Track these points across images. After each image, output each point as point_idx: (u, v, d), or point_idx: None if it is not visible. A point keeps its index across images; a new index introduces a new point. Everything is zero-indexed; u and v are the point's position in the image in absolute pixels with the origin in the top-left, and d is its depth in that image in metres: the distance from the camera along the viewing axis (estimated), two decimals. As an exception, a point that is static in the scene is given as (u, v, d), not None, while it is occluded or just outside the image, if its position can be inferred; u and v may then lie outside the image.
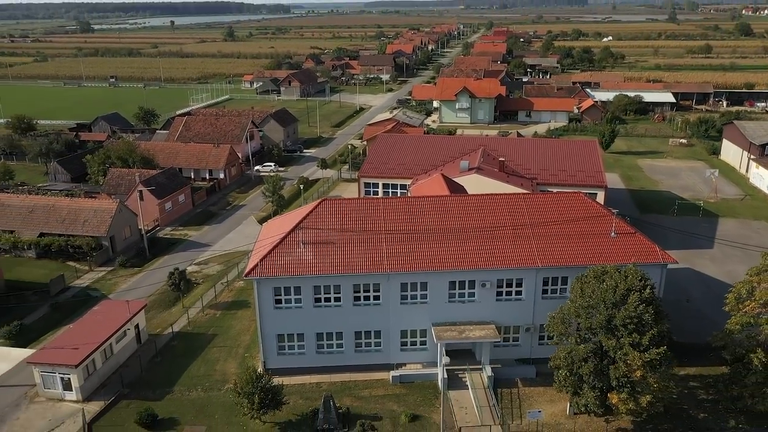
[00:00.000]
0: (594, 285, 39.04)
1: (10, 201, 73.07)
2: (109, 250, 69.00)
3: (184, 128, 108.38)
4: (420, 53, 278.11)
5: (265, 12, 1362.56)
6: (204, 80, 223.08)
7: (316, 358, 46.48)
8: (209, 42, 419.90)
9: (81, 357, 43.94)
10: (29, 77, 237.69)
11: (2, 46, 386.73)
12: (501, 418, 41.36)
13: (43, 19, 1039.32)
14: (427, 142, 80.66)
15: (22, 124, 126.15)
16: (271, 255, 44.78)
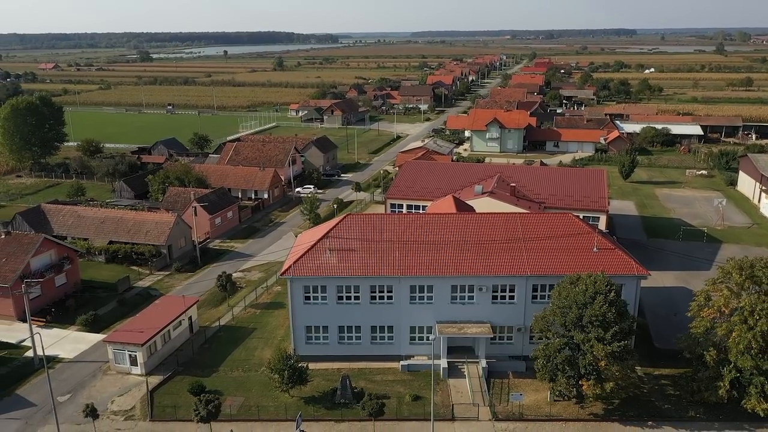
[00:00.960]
0: (569, 289, 46.56)
1: (85, 213, 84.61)
2: (167, 257, 79.38)
3: (234, 153, 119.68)
4: (459, 84, 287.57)
5: (314, 42, 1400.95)
6: (253, 108, 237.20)
7: (337, 347, 54.95)
8: (260, 71, 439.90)
9: (146, 338, 53.54)
10: (95, 104, 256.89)
11: (70, 74, 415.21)
12: (490, 401, 48.80)
13: (106, 48, 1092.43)
14: (449, 169, 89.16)
15: (90, 147, 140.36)
16: (303, 259, 53.78)
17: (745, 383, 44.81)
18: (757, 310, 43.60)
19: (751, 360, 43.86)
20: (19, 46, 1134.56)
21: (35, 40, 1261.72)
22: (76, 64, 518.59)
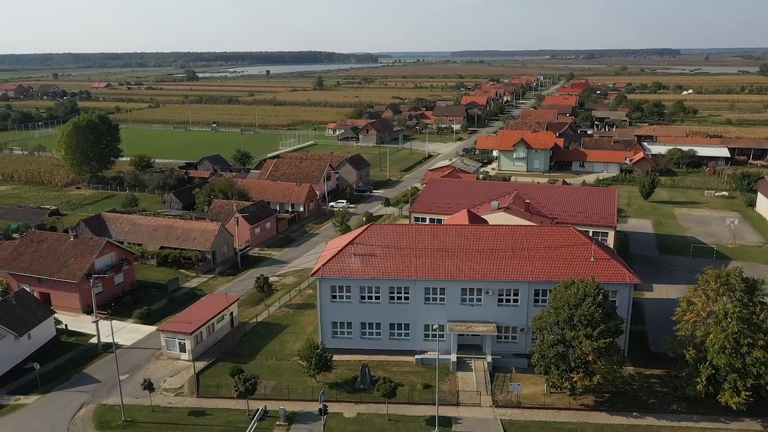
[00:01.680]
0: (563, 292, 52.64)
1: (140, 221, 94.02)
2: (211, 261, 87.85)
3: (273, 169, 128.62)
4: (493, 105, 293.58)
5: (354, 61, 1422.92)
6: (293, 127, 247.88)
7: (359, 341, 61.92)
8: (300, 90, 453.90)
9: (193, 328, 61.52)
10: (145, 121, 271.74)
11: (121, 93, 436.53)
12: (492, 390, 54.96)
13: (154, 67, 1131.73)
14: (470, 186, 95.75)
15: (142, 162, 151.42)
16: (331, 262, 61.18)
17: (720, 380, 49.97)
18: (729, 314, 48.93)
19: (725, 358, 49.08)
20: (73, 65, 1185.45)
21: (88, 60, 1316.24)
22: (126, 83, 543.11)
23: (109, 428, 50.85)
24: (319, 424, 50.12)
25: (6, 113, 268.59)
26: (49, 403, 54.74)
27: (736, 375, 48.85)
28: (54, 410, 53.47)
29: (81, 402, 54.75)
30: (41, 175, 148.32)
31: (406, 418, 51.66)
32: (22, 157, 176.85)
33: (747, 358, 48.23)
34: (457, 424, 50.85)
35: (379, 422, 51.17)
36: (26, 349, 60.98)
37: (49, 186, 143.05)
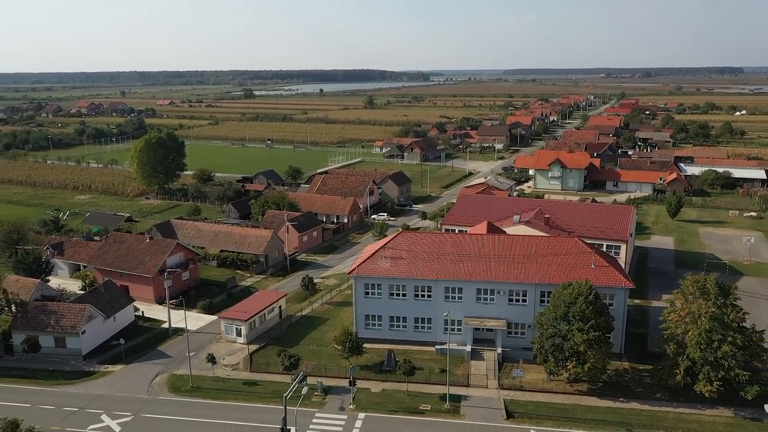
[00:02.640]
0: (561, 292, 61.28)
1: (203, 227, 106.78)
2: (264, 264, 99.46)
3: (321, 183, 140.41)
4: (537, 125, 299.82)
5: (406, 79, 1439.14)
6: (342, 144, 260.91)
7: (388, 332, 71.74)
8: (351, 109, 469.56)
9: (248, 316, 72.71)
10: (205, 137, 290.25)
11: (183, 110, 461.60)
12: (498, 376, 63.80)
13: (213, 84, 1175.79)
14: (499, 202, 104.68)
15: (204, 176, 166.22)
16: (365, 263, 71.47)
17: (697, 372, 57.44)
18: (702, 313, 56.59)
19: (699, 352, 56.66)
20: (138, 82, 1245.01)
21: (152, 77, 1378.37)
22: (188, 101, 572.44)
23: (180, 392, 62.25)
24: (350, 396, 60.12)
25: (82, 129, 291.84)
26: (131, 371, 66.74)
27: (709, 367, 56.31)
28: (136, 377, 65.36)
29: (156, 372, 66.52)
30: (115, 186, 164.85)
31: (423, 394, 61.10)
32: (98, 169, 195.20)
33: (718, 352, 55.70)
34: (465, 400, 59.93)
35: (399, 396, 60.80)
36: (112, 329, 73.41)
37: (122, 196, 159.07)
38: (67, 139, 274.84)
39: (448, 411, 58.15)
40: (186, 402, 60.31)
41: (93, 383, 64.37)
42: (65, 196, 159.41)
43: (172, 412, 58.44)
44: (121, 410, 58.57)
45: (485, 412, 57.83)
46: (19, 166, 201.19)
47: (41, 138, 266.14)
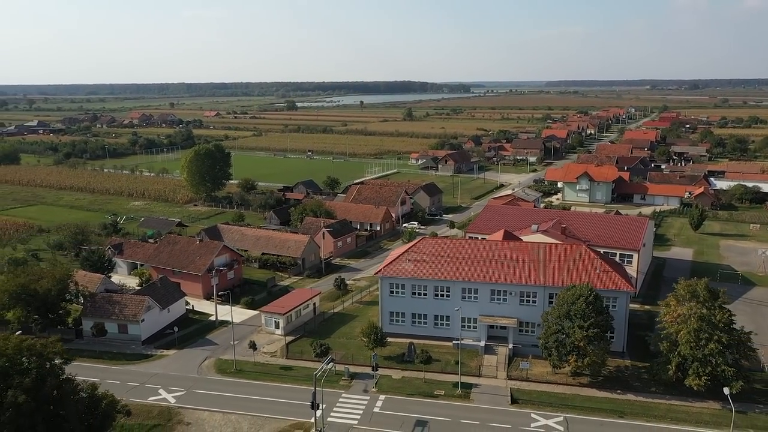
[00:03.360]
0: (565, 293, 67.88)
1: (246, 232, 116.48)
2: (301, 266, 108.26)
3: (357, 193, 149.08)
4: (573, 138, 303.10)
5: (447, 91, 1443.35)
6: (380, 156, 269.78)
7: (410, 328, 79.29)
8: (390, 121, 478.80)
9: (286, 310, 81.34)
10: (249, 148, 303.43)
11: (229, 121, 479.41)
12: (507, 368, 70.61)
13: (258, 96, 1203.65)
14: (521, 212, 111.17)
15: (247, 185, 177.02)
16: (390, 264, 79.36)
17: (687, 367, 63.17)
18: (691, 315, 62.45)
19: (689, 350, 62.44)
20: (186, 94, 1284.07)
21: (199, 89, 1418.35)
22: (233, 112, 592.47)
23: (225, 373, 71.13)
24: (373, 381, 67.89)
25: (134, 140, 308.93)
26: (183, 355, 76.04)
27: (698, 363, 62.04)
28: (187, 360, 74.59)
29: (205, 356, 75.65)
30: (166, 194, 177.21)
31: (438, 381, 68.41)
32: (150, 178, 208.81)
33: (705, 349, 61.41)
34: (475, 388, 67.00)
35: (417, 383, 68.25)
36: (167, 318, 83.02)
37: (173, 203, 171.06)
38: (121, 149, 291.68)
39: (459, 396, 65.31)
40: (230, 381, 69.12)
41: (151, 364, 73.88)
42: (121, 202, 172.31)
43: (218, 389, 67.27)
44: (175, 386, 67.73)
45: (492, 398, 64.81)
46: (79, 174, 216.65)
47: (98, 148, 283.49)
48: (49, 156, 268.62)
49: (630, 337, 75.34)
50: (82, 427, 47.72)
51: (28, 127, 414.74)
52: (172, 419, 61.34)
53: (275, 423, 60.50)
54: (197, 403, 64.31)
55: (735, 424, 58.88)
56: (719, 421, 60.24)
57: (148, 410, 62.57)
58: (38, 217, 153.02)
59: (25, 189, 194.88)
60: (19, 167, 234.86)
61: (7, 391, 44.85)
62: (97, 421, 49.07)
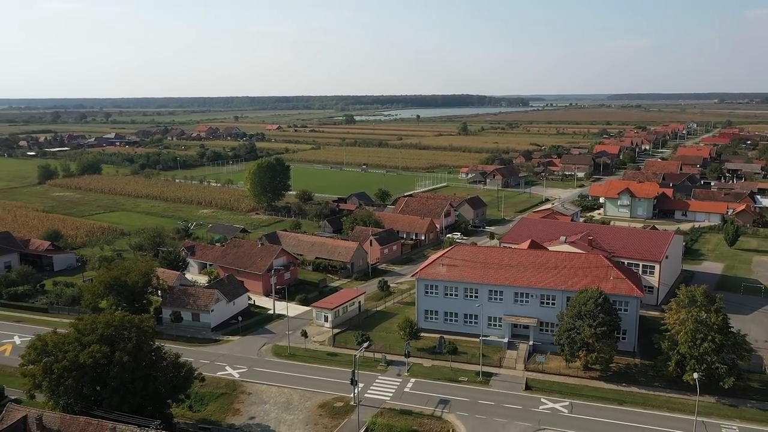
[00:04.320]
0: (577, 296, 76.57)
1: (302, 238, 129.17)
2: (350, 270, 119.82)
3: (405, 205, 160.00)
4: (624, 154, 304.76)
5: (505, 105, 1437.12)
6: (431, 170, 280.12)
7: (442, 325, 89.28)
8: (445, 135, 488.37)
9: (334, 306, 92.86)
10: (307, 161, 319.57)
11: (289, 135, 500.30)
12: (526, 361, 79.63)
13: (318, 109, 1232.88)
14: (553, 224, 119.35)
15: (305, 196, 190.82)
16: (426, 268, 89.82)
17: (685, 364, 70.70)
18: (689, 318, 70.11)
19: (688, 348, 70.02)
20: (249, 107, 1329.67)
21: (262, 102, 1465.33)
22: (294, 126, 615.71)
23: (280, 356, 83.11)
24: (405, 367, 78.33)
25: (202, 152, 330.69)
26: (245, 341, 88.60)
27: (694, 360, 69.52)
28: (249, 345, 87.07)
29: (264, 342, 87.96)
30: (231, 203, 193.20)
31: (463, 370, 78.16)
32: (217, 188, 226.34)
33: (700, 348, 68.90)
34: (495, 377, 76.39)
35: (444, 370, 78.19)
36: (232, 310, 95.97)
37: (237, 211, 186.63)
38: (191, 161, 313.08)
39: (479, 382, 74.90)
40: (284, 363, 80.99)
41: (219, 347, 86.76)
42: (191, 210, 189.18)
43: (274, 368, 79.24)
44: (239, 365, 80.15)
45: (509, 385, 74.10)
46: (153, 184, 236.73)
47: (169, 159, 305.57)
48: (126, 166, 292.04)
49: (645, 340, 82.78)
50: (169, 385, 60.25)
51: (106, 139, 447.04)
52: (236, 390, 73.58)
53: (321, 396, 71.78)
54: (257, 378, 76.36)
55: (726, 416, 66.31)
56: (710, 412, 67.55)
57: (217, 382, 75.05)
58: (119, 221, 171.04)
59: (107, 196, 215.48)
60: (101, 177, 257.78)
61: (114, 353, 57.79)
62: (180, 381, 61.56)
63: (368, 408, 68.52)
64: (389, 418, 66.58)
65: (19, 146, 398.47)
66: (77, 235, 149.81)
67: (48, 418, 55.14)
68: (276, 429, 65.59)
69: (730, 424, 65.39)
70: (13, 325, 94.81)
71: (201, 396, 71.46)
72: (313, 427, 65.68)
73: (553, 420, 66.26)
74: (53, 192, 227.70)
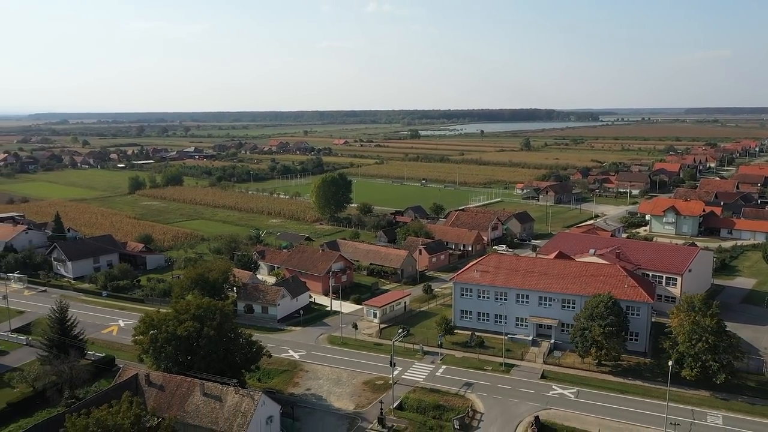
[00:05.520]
0: (591, 300, 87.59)
1: (359, 246, 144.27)
2: (400, 275, 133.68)
3: (455, 218, 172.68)
4: (684, 172, 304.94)
5: (573, 119, 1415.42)
6: (488, 185, 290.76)
7: (476, 323, 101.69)
8: (507, 151, 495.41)
9: (382, 304, 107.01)
10: (371, 175, 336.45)
11: (355, 149, 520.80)
12: (545, 356, 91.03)
13: (385, 123, 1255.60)
14: (587, 239, 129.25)
15: (364, 208, 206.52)
16: (462, 273, 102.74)
17: (683, 361, 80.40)
18: (686, 321, 79.97)
19: (685, 348, 79.81)
20: (318, 121, 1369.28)
21: (331, 117, 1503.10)
22: (360, 140, 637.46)
23: (334, 344, 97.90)
24: (438, 356, 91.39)
25: (273, 166, 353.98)
26: (305, 331, 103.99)
27: (691, 358, 79.23)
28: (308, 334, 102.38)
29: (321, 332, 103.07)
30: (298, 213, 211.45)
31: (489, 361, 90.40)
32: (285, 200, 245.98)
33: (696, 347, 78.57)
34: (516, 368, 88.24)
35: (472, 360, 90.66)
36: (295, 306, 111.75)
37: (303, 221, 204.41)
38: (262, 174, 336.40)
39: (502, 371, 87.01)
40: (337, 349, 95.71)
41: (283, 335, 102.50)
42: (262, 219, 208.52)
43: (328, 353, 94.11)
44: (299, 349, 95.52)
45: (527, 374, 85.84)
46: (229, 195, 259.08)
47: (243, 172, 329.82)
48: (204, 179, 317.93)
49: (660, 342, 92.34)
50: (243, 357, 75.95)
51: (186, 152, 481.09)
52: (296, 368, 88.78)
53: (365, 376, 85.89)
54: (313, 360, 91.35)
55: (715, 407, 75.97)
56: (702, 403, 77.24)
57: (281, 361, 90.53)
58: (200, 228, 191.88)
59: (188, 206, 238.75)
60: (183, 188, 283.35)
61: (203, 328, 73.98)
62: (252, 355, 77.17)
63: (404, 386, 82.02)
64: (420, 394, 79.82)
65: (111, 159, 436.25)
66: (165, 240, 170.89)
67: (153, 376, 71.81)
68: (327, 398, 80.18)
69: (716, 413, 74.90)
70: (118, 312, 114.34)
71: (268, 372, 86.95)
72: (357, 398, 79.85)
73: (560, 402, 77.70)
74: (142, 201, 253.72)
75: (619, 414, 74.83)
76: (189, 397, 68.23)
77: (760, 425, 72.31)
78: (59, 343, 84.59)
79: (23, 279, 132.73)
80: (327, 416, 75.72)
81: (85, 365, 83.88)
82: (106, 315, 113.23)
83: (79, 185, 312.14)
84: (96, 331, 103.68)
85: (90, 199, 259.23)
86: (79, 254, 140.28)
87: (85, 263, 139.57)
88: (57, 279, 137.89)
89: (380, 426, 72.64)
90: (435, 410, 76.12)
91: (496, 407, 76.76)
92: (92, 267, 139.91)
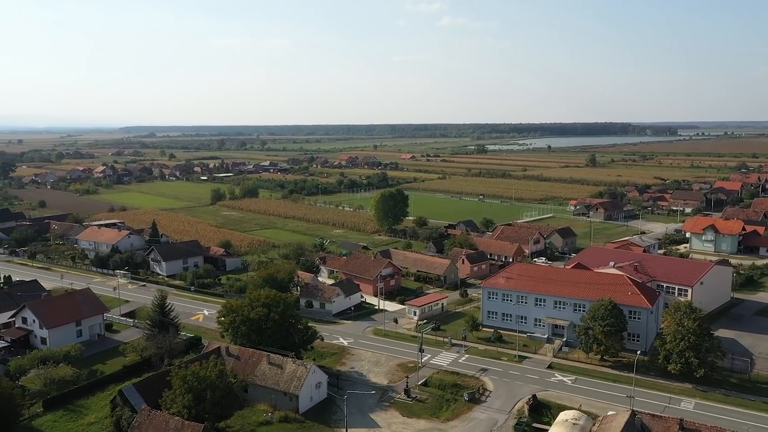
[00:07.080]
0: (594, 303, 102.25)
1: (408, 255, 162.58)
2: (443, 281, 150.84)
3: (500, 232, 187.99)
4: (744, 191, 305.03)
5: (650, 133, 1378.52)
6: (543, 201, 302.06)
7: (501, 323, 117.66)
8: (571, 167, 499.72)
9: (421, 304, 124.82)
10: (432, 190, 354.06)
11: (421, 164, 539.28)
12: (555, 351, 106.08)
13: (454, 137, 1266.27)
14: (613, 252, 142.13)
15: (420, 221, 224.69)
16: (490, 279, 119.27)
17: (670, 358, 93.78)
18: (672, 322, 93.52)
19: (671, 346, 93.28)
20: (389, 135, 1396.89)
21: (401, 130, 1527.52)
22: (426, 155, 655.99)
23: (378, 335, 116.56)
24: (463, 348, 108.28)
25: (341, 180, 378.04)
26: (355, 324, 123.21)
27: (675, 355, 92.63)
28: (357, 327, 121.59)
29: (367, 326, 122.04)
30: (359, 225, 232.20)
31: (507, 353, 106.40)
32: (349, 212, 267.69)
33: (679, 345, 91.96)
34: (528, 359, 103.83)
35: (492, 352, 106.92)
36: (347, 303, 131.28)
37: (363, 232, 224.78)
38: (330, 187, 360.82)
39: (515, 361, 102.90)
40: (379, 339, 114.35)
41: (336, 326, 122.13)
42: (327, 230, 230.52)
43: (372, 341, 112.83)
44: (348, 337, 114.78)
45: (536, 364, 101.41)
46: (299, 207, 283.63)
47: (313, 186, 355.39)
48: (278, 191, 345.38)
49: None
50: (301, 338, 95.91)
51: (262, 166, 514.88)
52: (344, 352, 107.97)
53: (400, 360, 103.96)
54: (359, 346, 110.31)
55: (690, 395, 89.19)
56: (682, 393, 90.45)
57: (332, 346, 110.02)
58: (272, 237, 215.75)
59: (263, 216, 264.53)
60: (258, 200, 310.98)
61: (270, 314, 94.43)
62: (308, 337, 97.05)
63: (430, 369, 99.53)
64: (443, 375, 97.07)
65: (194, 171, 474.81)
66: (241, 245, 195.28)
67: (231, 348, 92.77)
68: (366, 375, 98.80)
69: (689, 400, 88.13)
70: (203, 303, 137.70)
71: (321, 353, 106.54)
72: (390, 376, 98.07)
73: (558, 386, 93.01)
74: (222, 211, 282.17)
75: (604, 397, 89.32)
76: (258, 364, 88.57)
77: (728, 411, 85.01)
78: (160, 323, 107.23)
79: (127, 275, 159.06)
80: (364, 387, 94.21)
81: (180, 341, 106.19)
82: (194, 306, 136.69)
83: (167, 195, 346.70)
84: (186, 318, 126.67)
85: (177, 209, 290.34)
86: (172, 256, 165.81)
87: (176, 263, 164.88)
88: (153, 276, 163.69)
89: (405, 396, 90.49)
90: (453, 387, 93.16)
91: (503, 387, 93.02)
92: (182, 267, 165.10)
